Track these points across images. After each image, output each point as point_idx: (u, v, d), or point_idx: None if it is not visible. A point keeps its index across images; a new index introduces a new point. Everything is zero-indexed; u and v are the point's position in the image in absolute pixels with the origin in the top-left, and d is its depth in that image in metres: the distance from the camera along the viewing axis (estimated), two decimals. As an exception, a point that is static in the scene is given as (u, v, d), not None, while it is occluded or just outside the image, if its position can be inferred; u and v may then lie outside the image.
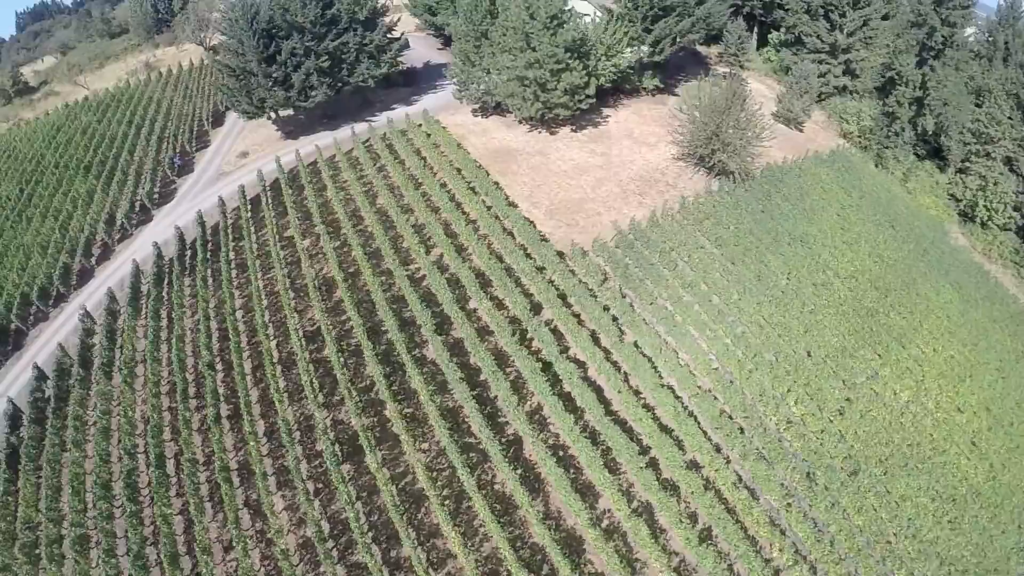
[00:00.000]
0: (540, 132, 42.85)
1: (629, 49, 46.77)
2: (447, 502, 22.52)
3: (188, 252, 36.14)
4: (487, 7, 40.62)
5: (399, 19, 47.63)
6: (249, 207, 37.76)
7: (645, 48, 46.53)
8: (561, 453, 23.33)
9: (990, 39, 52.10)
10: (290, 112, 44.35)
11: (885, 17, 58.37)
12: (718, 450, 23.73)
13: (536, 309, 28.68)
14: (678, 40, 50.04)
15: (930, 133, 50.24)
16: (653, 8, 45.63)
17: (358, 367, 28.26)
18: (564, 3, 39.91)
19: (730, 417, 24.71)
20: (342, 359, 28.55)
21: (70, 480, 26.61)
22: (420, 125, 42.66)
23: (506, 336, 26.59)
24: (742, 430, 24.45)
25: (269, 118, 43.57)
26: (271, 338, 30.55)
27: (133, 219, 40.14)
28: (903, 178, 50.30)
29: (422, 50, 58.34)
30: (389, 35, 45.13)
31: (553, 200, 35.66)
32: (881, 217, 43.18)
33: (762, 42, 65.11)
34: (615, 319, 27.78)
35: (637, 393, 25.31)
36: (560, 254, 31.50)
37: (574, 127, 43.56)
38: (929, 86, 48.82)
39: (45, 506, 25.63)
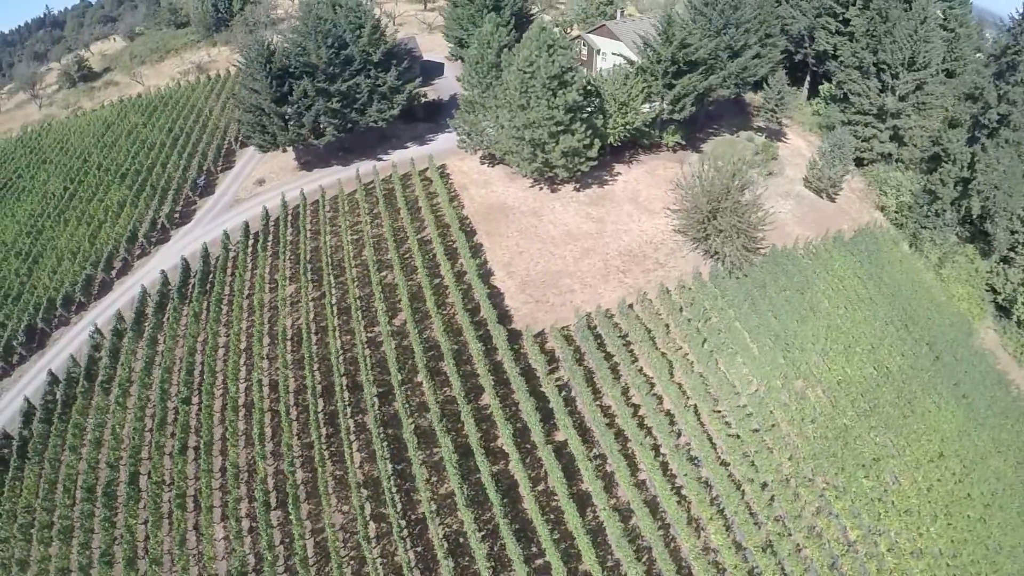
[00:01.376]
0: (541, 188, 44.41)
1: (647, 105, 47.31)
2: (348, 567, 26.02)
3: (191, 281, 41.26)
4: (492, 59, 42.19)
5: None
6: (251, 242, 42.43)
7: (665, 105, 46.70)
8: (461, 539, 26.03)
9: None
10: (306, 144, 48.58)
11: (950, 74, 55.43)
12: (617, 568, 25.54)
13: (476, 392, 31.22)
14: (706, 97, 49.97)
15: (975, 216, 47.98)
16: (676, 63, 45.44)
17: (306, 423, 32.11)
18: (571, 59, 40.06)
19: (639, 539, 26.29)
20: (292, 414, 32.68)
21: (64, 479, 32.74)
22: (425, 170, 45.71)
23: (435, 417, 29.35)
24: (650, 552, 26.02)
25: (284, 151, 47.94)
26: (241, 381, 35.06)
27: (153, 238, 45.81)
28: (938, 263, 48.06)
29: (453, 80, 60.12)
30: (406, 72, 47.99)
31: (530, 271, 37.53)
32: (895, 314, 41.87)
33: (814, 91, 63.18)
34: (551, 414, 29.85)
35: (551, 495, 27.46)
36: (516, 335, 33.67)
37: (577, 185, 44.51)
38: (978, 168, 46.44)
39: (41, 496, 31.81)
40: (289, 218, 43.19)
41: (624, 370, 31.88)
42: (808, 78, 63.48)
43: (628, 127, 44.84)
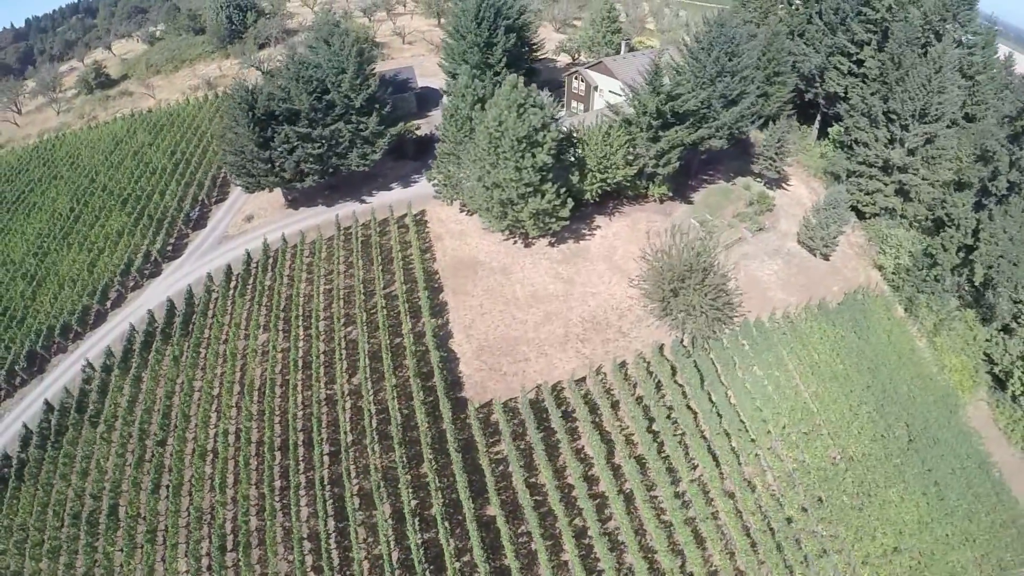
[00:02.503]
0: (515, 242, 46.63)
1: (628, 158, 48.01)
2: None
3: (175, 321, 45.70)
4: (467, 112, 44.18)
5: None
6: (233, 284, 46.51)
7: (648, 159, 47.76)
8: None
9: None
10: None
11: (969, 119, 54.54)
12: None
13: (418, 460, 34.44)
14: (699, 147, 50.84)
15: (977, 284, 47.96)
16: (662, 116, 46.35)
17: (264, 474, 36.08)
18: (544, 117, 40.79)
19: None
20: (251, 464, 36.73)
21: (54, 503, 37.87)
22: (404, 216, 48.76)
23: (375, 485, 32.69)
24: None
25: (270, 190, 51.75)
26: (211, 427, 39.31)
27: (145, 271, 50.55)
28: (932, 331, 48.27)
29: None
30: (390, 116, 50.69)
31: (490, 335, 40.26)
32: (872, 393, 42.50)
33: (824, 131, 62.94)
34: (485, 488, 32.81)
35: (475, 567, 30.49)
36: (464, 403, 36.54)
37: (553, 240, 46.47)
38: (982, 236, 46.32)
39: (34, 517, 37.11)
40: (270, 261, 47.08)
41: (564, 448, 34.47)
42: (819, 117, 63.34)
43: (608, 183, 46.52)
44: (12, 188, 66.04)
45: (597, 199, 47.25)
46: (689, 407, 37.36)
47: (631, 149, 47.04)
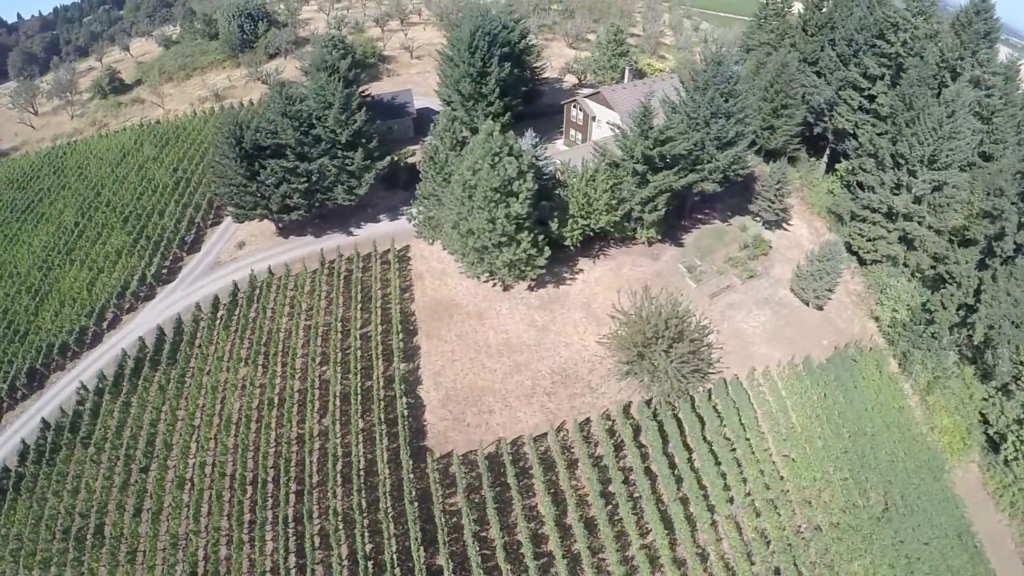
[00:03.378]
0: (494, 284, 48.68)
1: (612, 203, 48.50)
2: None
3: (164, 348, 49.81)
4: (446, 154, 45.80)
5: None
6: (220, 314, 50.31)
7: (634, 205, 48.60)
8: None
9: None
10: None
11: (986, 157, 54.14)
12: None
13: (375, 505, 37.40)
14: (691, 189, 52.10)
15: (976, 343, 48.29)
16: (649, 162, 47.16)
17: (233, 508, 39.80)
18: (520, 166, 42.09)
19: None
20: (225, 495, 40.48)
21: (46, 518, 42.49)
22: (387, 252, 51.76)
23: (332, 528, 35.88)
24: None
25: (260, 220, 55.29)
26: (190, 456, 43.26)
27: (140, 294, 54.82)
28: (925, 389, 48.69)
29: None
30: (374, 149, 53.57)
31: (458, 384, 42.75)
32: (851, 457, 42.84)
33: (833, 165, 63.18)
34: (435, 539, 35.80)
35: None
36: (425, 451, 39.28)
37: (532, 283, 48.34)
38: (984, 298, 46.59)
39: (28, 529, 41.76)
40: (256, 293, 50.74)
41: (516, 505, 37.05)
42: (828, 150, 63.62)
43: (591, 228, 48.32)
44: (23, 196, 71.43)
45: (578, 245, 49.02)
46: (649, 469, 39.39)
47: (616, 194, 48.55)
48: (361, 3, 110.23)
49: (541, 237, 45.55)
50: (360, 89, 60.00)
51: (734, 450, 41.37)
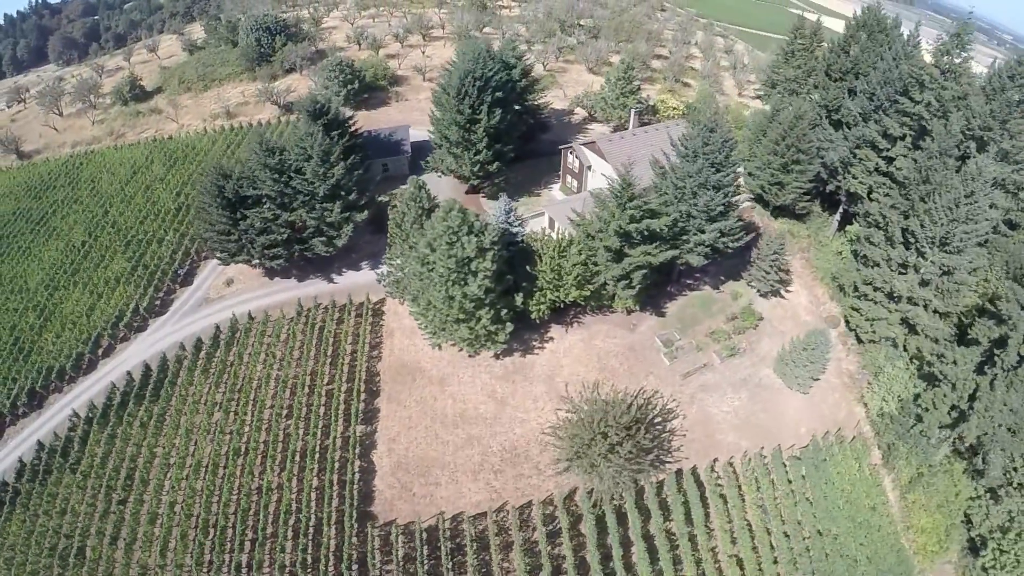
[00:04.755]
0: (461, 349, 53.32)
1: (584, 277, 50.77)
2: None
3: (150, 383, 57.33)
4: (411, 224, 50.09)
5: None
6: (202, 355, 57.42)
7: (608, 278, 50.87)
8: None
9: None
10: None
11: (1012, 225, 53.72)
12: None
13: (316, 564, 43.12)
14: (677, 262, 54.55)
15: (967, 444, 49.26)
16: (628, 237, 49.35)
17: (193, 548, 46.57)
18: (480, 245, 44.53)
19: None
20: (189, 535, 47.45)
21: (37, 536, 50.85)
22: (361, 304, 57.41)
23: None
24: None
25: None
26: (164, 493, 50.51)
27: (134, 325, 62.61)
28: (906, 486, 50.02)
29: (447, 191, 66.54)
30: (356, 202, 58.71)
31: (410, 452, 47.47)
32: (807, 560, 44.65)
33: (845, 223, 64.23)
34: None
35: None
36: (370, 517, 44.66)
37: (499, 351, 52.30)
38: (977, 407, 47.15)
39: (21, 542, 50.06)
40: (237, 336, 57.53)
41: (450, 582, 42.40)
42: (841, 208, 64.56)
43: (560, 301, 51.98)
44: (39, 207, 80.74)
45: (544, 318, 52.50)
46: (585, 560, 43.60)
47: (589, 268, 51.18)
48: (387, 12, 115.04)
49: (504, 311, 49.29)
50: (354, 126, 65.22)
51: (676, 547, 44.33)
